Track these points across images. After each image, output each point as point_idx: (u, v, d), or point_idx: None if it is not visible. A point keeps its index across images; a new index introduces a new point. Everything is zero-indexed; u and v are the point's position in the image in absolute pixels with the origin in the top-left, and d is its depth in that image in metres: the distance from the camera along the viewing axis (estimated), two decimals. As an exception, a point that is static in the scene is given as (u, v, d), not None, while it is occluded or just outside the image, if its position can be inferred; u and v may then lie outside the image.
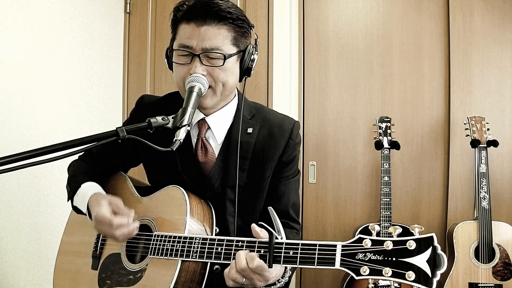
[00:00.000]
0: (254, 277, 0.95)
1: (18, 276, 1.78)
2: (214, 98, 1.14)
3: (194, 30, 1.08)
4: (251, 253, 0.95)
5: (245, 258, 0.94)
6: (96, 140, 0.89)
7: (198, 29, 1.08)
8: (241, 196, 1.20)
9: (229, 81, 1.13)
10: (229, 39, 1.10)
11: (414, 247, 0.79)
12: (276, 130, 1.23)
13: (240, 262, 0.94)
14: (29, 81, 1.84)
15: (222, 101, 1.19)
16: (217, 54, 1.09)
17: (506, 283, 1.95)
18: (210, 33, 1.08)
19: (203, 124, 1.21)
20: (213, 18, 1.08)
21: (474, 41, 2.32)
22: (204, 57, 1.09)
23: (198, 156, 1.21)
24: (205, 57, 1.09)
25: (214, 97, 1.14)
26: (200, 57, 1.09)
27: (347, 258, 0.85)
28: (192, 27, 1.09)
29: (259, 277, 0.96)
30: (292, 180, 1.28)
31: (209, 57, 1.09)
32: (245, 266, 0.94)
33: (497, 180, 2.26)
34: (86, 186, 1.23)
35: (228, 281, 0.98)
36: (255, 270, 0.94)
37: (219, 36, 1.09)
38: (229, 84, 1.14)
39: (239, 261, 0.95)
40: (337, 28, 2.49)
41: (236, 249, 0.99)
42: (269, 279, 0.97)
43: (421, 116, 2.38)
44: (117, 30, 2.53)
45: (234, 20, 1.10)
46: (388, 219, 2.08)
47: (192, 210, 1.11)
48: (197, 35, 1.08)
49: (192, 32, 1.09)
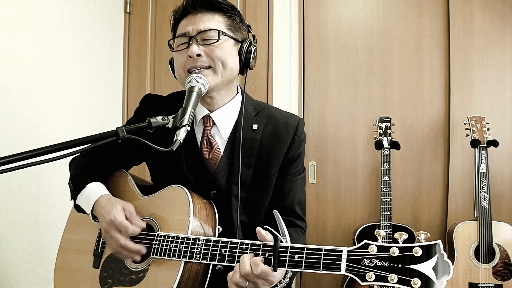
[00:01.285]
0: (258, 281, 0.95)
1: (18, 276, 1.78)
2: (216, 78, 1.14)
3: (190, 19, 1.16)
4: (255, 259, 0.94)
5: (249, 263, 0.94)
6: (96, 140, 0.89)
7: (193, 17, 1.15)
8: (247, 193, 1.20)
9: (227, 60, 1.14)
10: (224, 24, 1.17)
11: (420, 254, 0.79)
12: (282, 127, 1.23)
13: (244, 267, 0.94)
14: (29, 81, 1.84)
15: (224, 85, 1.18)
16: (212, 33, 1.13)
17: (506, 283, 1.95)
18: (205, 17, 1.15)
19: (208, 120, 1.21)
20: (207, 7, 1.15)
21: (474, 41, 2.32)
22: (200, 39, 1.13)
23: (203, 153, 1.20)
24: (201, 39, 1.13)
25: (215, 77, 1.14)
26: (196, 38, 1.13)
27: (353, 263, 0.84)
28: (188, 18, 1.16)
29: (263, 282, 0.95)
30: (298, 177, 1.27)
31: (204, 38, 1.13)
32: (249, 271, 0.93)
33: (497, 180, 2.26)
34: (92, 187, 1.23)
35: (231, 285, 0.97)
36: (259, 276, 0.93)
37: (213, 20, 1.15)
38: (228, 64, 1.15)
39: (243, 266, 0.94)
40: (337, 28, 2.48)
41: (241, 252, 0.99)
42: (273, 282, 0.97)
43: (421, 116, 2.38)
44: (117, 30, 2.53)
45: (226, 10, 1.17)
46: (388, 219, 2.08)
47: (196, 211, 1.11)
48: (193, 22, 1.15)
49: (188, 22, 1.16)
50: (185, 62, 1.14)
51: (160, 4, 2.56)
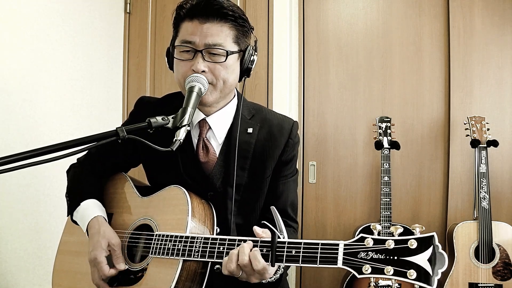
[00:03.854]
0: (253, 274, 0.96)
1: (18, 276, 1.78)
2: (214, 94, 1.14)
3: (197, 27, 1.10)
4: (255, 253, 0.95)
5: (248, 256, 0.95)
6: (96, 140, 0.89)
7: (201, 26, 1.10)
8: (242, 195, 1.21)
9: (229, 78, 1.14)
10: (231, 37, 1.12)
11: (415, 246, 0.80)
12: (276, 130, 1.24)
13: (243, 258, 0.94)
14: (29, 81, 1.84)
15: (222, 98, 1.19)
16: (219, 50, 1.10)
17: (506, 283, 1.96)
18: (213, 30, 1.10)
19: (204, 124, 1.21)
20: (215, 15, 1.10)
21: (474, 41, 2.32)
22: (206, 53, 1.10)
23: (199, 156, 1.21)
24: (207, 54, 1.10)
25: (214, 93, 1.14)
26: (202, 53, 1.10)
27: (349, 257, 0.85)
28: (195, 24, 1.10)
29: (258, 276, 0.96)
30: (291, 179, 1.29)
31: (211, 53, 1.10)
32: (248, 262, 0.94)
33: (497, 180, 2.26)
34: (86, 206, 1.23)
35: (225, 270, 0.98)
36: (258, 272, 0.94)
37: (222, 33, 1.10)
38: (230, 82, 1.15)
39: (242, 257, 0.95)
40: (337, 28, 2.49)
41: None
42: (267, 277, 0.97)
43: (421, 116, 2.38)
44: (117, 30, 2.53)
45: (236, 19, 1.12)
46: (388, 219, 2.09)
47: (194, 210, 1.11)
48: (200, 32, 1.09)
49: (195, 29, 1.10)
50: (187, 72, 1.11)
51: (160, 4, 2.56)
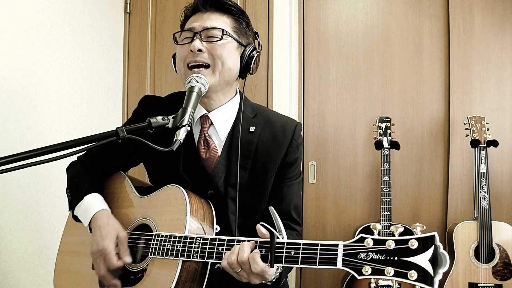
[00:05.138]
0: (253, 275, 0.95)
1: (18, 276, 1.78)
2: (214, 77, 1.15)
3: (198, 16, 1.18)
4: (254, 255, 0.94)
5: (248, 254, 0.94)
6: (96, 140, 0.89)
7: (202, 15, 1.18)
8: (243, 195, 1.20)
9: (227, 60, 1.15)
10: (230, 25, 1.19)
11: (416, 246, 0.79)
12: (279, 131, 1.24)
13: (243, 255, 0.94)
14: (29, 81, 1.84)
15: (222, 86, 1.18)
16: (216, 31, 1.15)
17: (506, 283, 1.96)
18: (212, 16, 1.17)
19: (206, 120, 1.21)
20: (216, 7, 1.18)
21: (474, 41, 2.32)
22: (205, 36, 1.15)
23: (200, 152, 1.21)
24: (205, 36, 1.15)
25: (213, 76, 1.15)
26: (200, 34, 1.14)
27: (349, 257, 0.84)
28: (197, 15, 1.19)
29: (259, 277, 0.96)
30: (295, 182, 1.28)
31: (208, 35, 1.15)
32: (246, 260, 0.94)
33: (497, 180, 2.26)
34: (89, 199, 1.23)
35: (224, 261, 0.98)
36: (257, 273, 0.94)
37: (220, 20, 1.18)
38: (228, 64, 1.15)
39: (242, 254, 0.95)
40: (337, 28, 2.49)
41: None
42: (267, 278, 0.97)
43: (421, 116, 2.38)
44: (117, 30, 2.53)
45: (235, 13, 1.19)
46: (388, 219, 2.09)
47: (192, 210, 1.10)
48: (200, 19, 1.17)
49: (196, 18, 1.18)
50: (186, 55, 1.15)
51: (160, 4, 2.56)
